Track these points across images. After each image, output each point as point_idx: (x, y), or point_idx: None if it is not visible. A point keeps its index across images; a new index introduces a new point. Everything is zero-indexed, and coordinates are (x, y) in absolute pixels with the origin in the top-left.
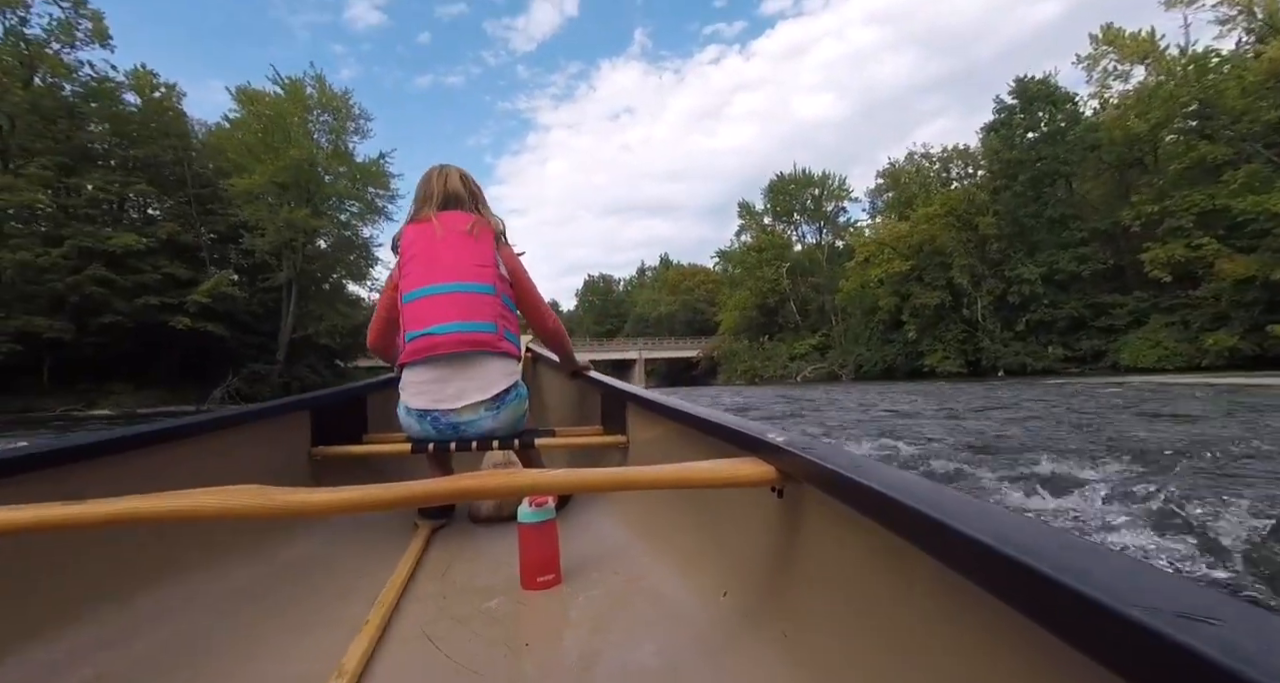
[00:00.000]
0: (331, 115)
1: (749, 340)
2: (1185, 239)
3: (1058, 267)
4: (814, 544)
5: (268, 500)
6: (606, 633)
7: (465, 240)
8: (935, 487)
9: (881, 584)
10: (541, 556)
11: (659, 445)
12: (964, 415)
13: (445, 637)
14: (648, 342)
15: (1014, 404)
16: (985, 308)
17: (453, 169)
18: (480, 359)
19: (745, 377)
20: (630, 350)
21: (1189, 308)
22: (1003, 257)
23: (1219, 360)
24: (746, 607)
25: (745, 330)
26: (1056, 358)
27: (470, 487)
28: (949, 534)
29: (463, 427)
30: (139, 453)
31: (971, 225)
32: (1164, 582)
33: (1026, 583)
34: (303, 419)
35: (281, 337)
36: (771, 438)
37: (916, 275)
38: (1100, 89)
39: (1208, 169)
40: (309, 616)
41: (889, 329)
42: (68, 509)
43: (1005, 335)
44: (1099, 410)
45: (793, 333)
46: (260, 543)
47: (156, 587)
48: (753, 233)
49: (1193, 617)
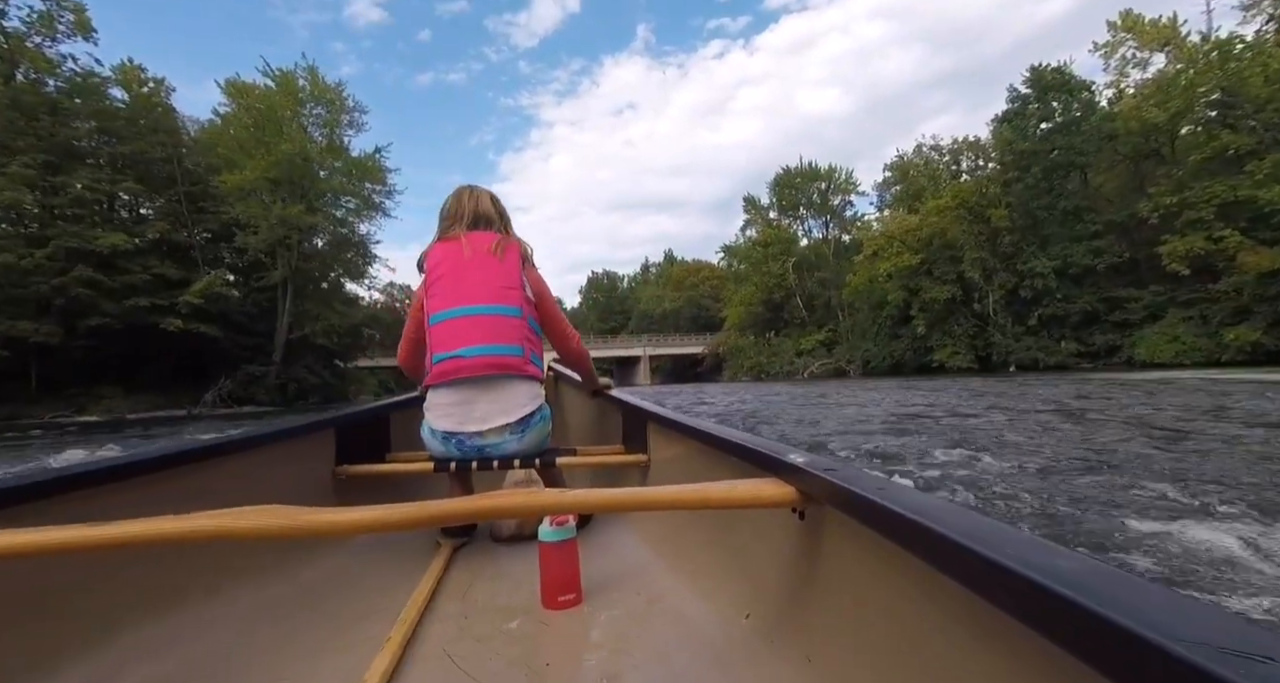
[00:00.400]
0: (325, 108)
1: (755, 336)
2: (1205, 232)
3: (1072, 260)
4: (836, 567)
5: (293, 521)
6: (627, 654)
7: (492, 262)
8: (962, 510)
9: (906, 609)
10: (562, 575)
11: (680, 465)
12: (1039, 411)
13: (466, 656)
14: (652, 339)
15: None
16: (997, 302)
17: (483, 190)
18: (506, 382)
19: (751, 373)
20: (635, 347)
21: (1208, 302)
22: (1015, 250)
23: (1239, 356)
24: (768, 629)
25: (751, 326)
26: (1069, 353)
27: (491, 506)
28: (978, 561)
29: (487, 449)
30: (165, 474)
31: (983, 218)
32: (1211, 616)
33: (1065, 615)
34: (327, 438)
35: (277, 337)
36: (793, 459)
37: (926, 269)
38: (1118, 77)
39: (1228, 160)
40: (332, 634)
41: (897, 324)
42: (96, 531)
43: (1017, 330)
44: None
45: (799, 328)
46: (284, 562)
47: (184, 607)
48: (758, 228)
49: (1241, 654)
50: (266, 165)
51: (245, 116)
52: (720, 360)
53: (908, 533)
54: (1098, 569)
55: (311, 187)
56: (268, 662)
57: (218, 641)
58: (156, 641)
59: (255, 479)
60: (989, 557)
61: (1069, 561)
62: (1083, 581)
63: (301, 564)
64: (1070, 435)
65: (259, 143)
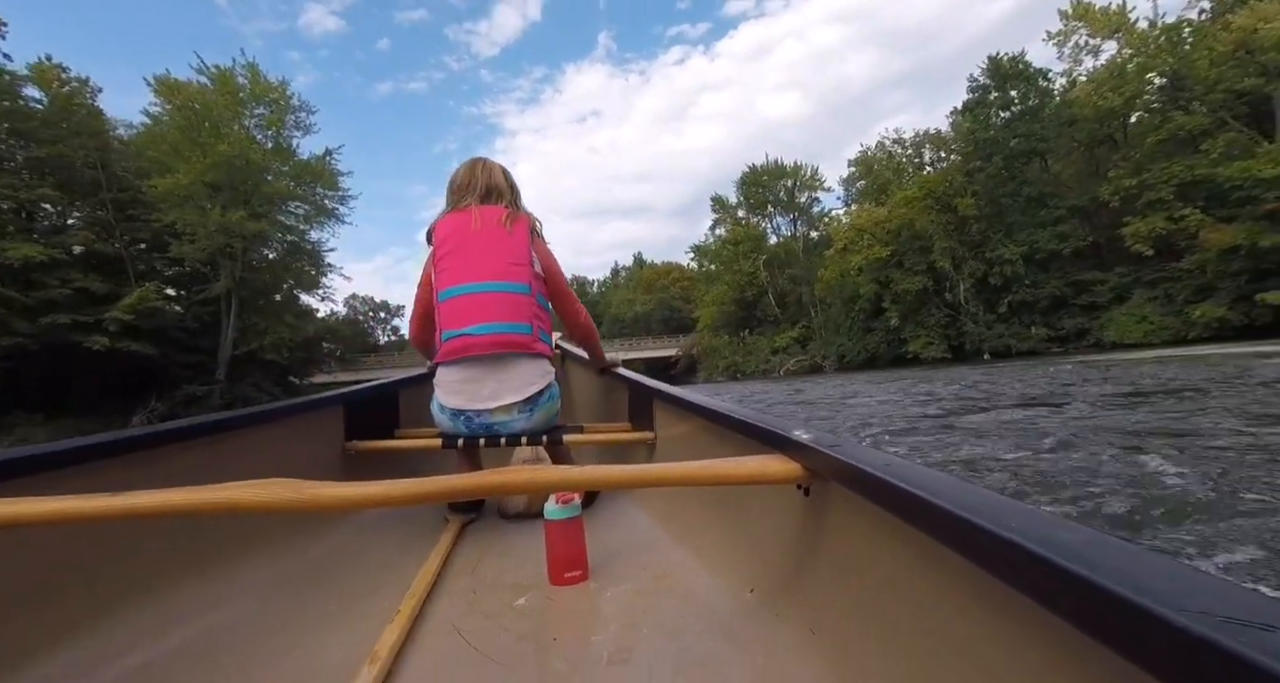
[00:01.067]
0: (267, 108)
1: (728, 335)
2: (1166, 212)
3: (1038, 246)
4: (841, 542)
5: (301, 494)
6: (634, 629)
7: (501, 236)
8: (967, 486)
9: (908, 582)
10: (569, 551)
11: (686, 442)
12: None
13: (474, 630)
14: (624, 343)
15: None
16: (967, 291)
17: (494, 163)
18: (515, 360)
19: (726, 373)
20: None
21: (1171, 281)
22: (983, 238)
23: (1207, 332)
24: (773, 603)
25: (724, 326)
26: (1040, 338)
27: (498, 482)
28: (980, 534)
29: (495, 426)
30: (177, 447)
31: (950, 207)
32: (1214, 586)
33: (1067, 587)
34: (336, 414)
35: (221, 353)
36: (798, 435)
37: (896, 261)
38: (1073, 65)
39: (1182, 140)
40: (342, 608)
41: (870, 317)
42: (109, 501)
43: (988, 318)
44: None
45: (772, 326)
46: (294, 536)
47: (196, 579)
48: (727, 226)
49: (1244, 623)
50: (202, 169)
51: (179, 117)
52: (694, 362)
53: (910, 508)
54: (1098, 540)
55: (255, 191)
56: (278, 635)
57: (229, 613)
58: (170, 612)
59: (265, 454)
60: (990, 530)
61: (1070, 532)
62: (1083, 552)
63: (311, 539)
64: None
65: (194, 145)
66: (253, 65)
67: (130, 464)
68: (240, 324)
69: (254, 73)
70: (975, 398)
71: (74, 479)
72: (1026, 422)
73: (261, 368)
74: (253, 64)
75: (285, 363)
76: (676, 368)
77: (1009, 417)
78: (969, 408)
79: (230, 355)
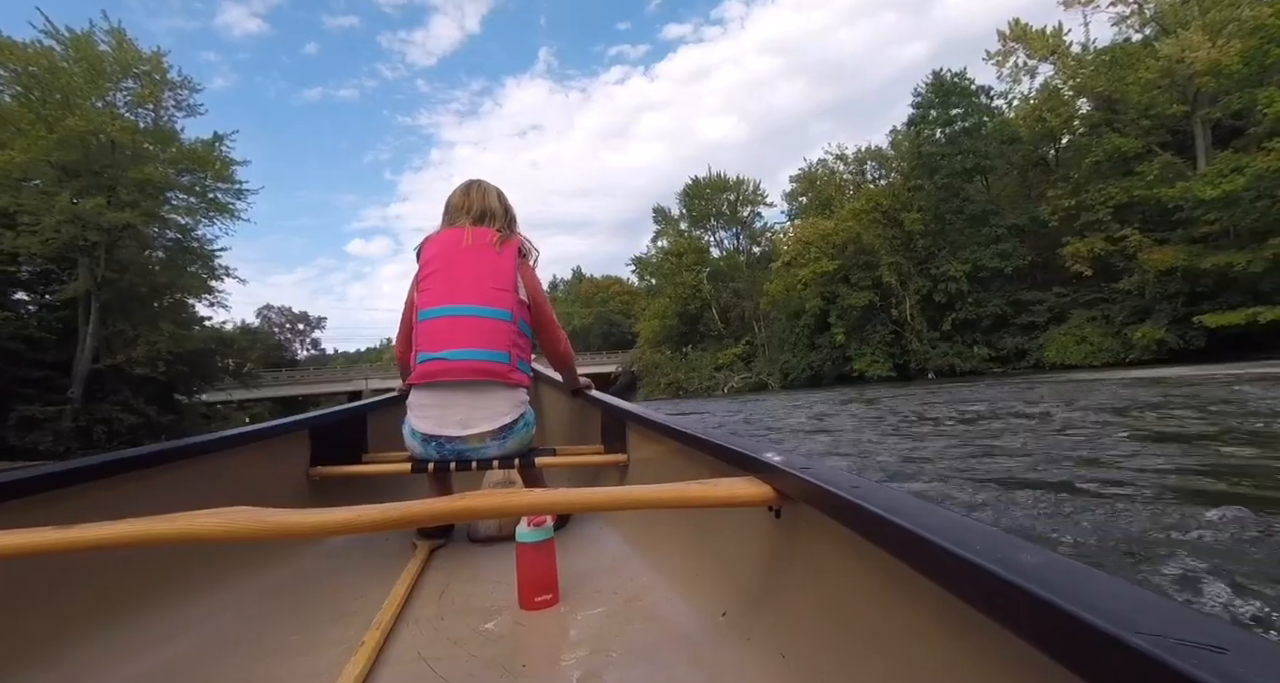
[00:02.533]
0: (137, 82)
1: (670, 351)
2: (1104, 232)
3: (981, 264)
4: (812, 565)
5: (263, 522)
6: (604, 653)
7: (489, 259)
8: (935, 509)
9: (880, 606)
10: (540, 575)
11: (658, 464)
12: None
13: (442, 658)
14: None
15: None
16: (913, 308)
17: (490, 186)
18: (490, 388)
19: (667, 390)
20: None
21: (1109, 302)
22: (928, 255)
23: (1146, 354)
24: (745, 627)
25: (665, 340)
26: (982, 357)
27: (469, 507)
28: (946, 556)
29: (467, 452)
30: (133, 475)
31: (897, 222)
32: (1168, 609)
33: (1028, 608)
34: (301, 439)
35: (76, 367)
36: (769, 457)
37: (843, 276)
38: (1012, 84)
39: (1116, 163)
40: (305, 636)
41: (815, 333)
42: (61, 534)
43: (932, 336)
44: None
45: (716, 342)
46: (257, 563)
47: (152, 609)
48: (670, 239)
49: (1196, 645)
50: (47, 146)
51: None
52: (634, 378)
53: (879, 529)
54: (1059, 563)
55: (120, 177)
56: (238, 664)
57: (187, 643)
58: (124, 644)
59: (228, 480)
60: (956, 552)
61: (1033, 555)
62: (1045, 575)
63: (274, 566)
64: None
65: (38, 119)
66: (118, 31)
67: (85, 493)
68: (104, 333)
69: (119, 39)
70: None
71: (23, 511)
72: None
73: (131, 384)
74: (118, 29)
75: (163, 378)
76: (615, 384)
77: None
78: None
79: (88, 370)
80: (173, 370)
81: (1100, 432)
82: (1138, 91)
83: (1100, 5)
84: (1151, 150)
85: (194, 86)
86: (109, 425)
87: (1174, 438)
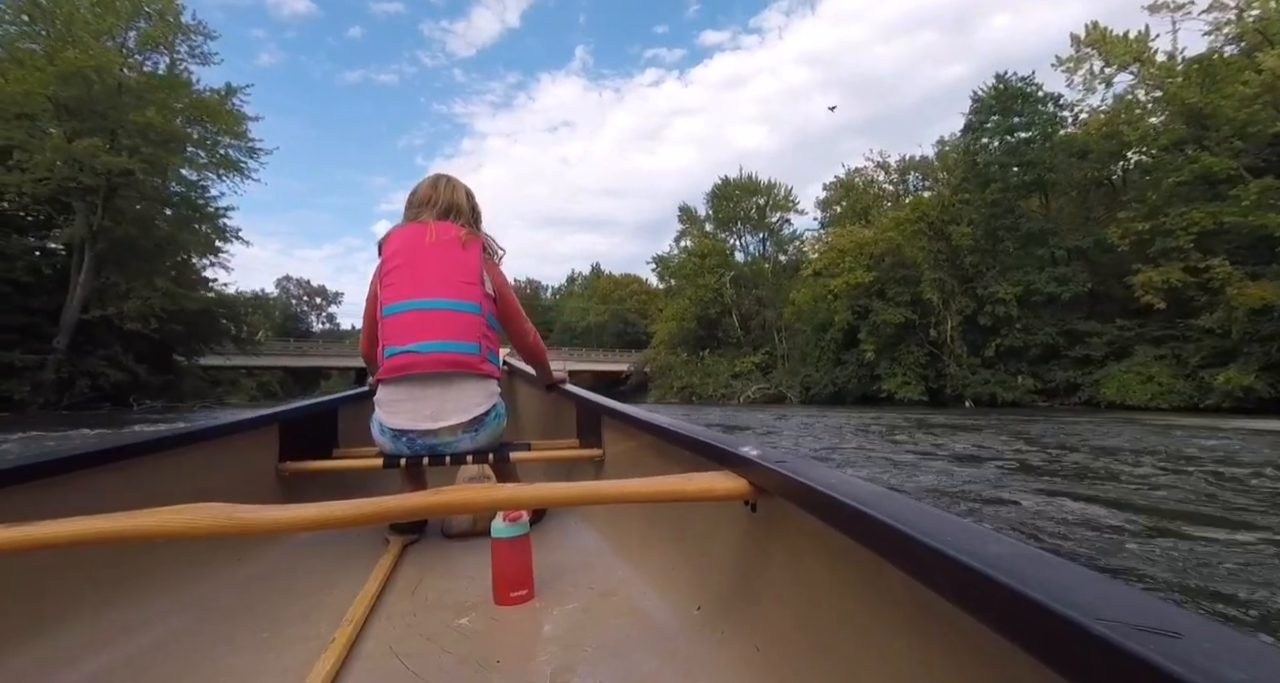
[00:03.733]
0: (148, 21)
1: (686, 354)
2: (1182, 261)
3: (1034, 287)
4: (786, 558)
5: (230, 518)
6: (579, 648)
7: (454, 253)
8: (907, 501)
9: (853, 598)
10: (515, 570)
11: (634, 459)
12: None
13: (414, 654)
14: (573, 352)
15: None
16: (954, 329)
17: (459, 182)
18: (461, 380)
19: (680, 395)
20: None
21: (1181, 340)
22: (975, 273)
23: (1228, 401)
24: (719, 621)
25: (682, 343)
26: (1026, 389)
27: (443, 502)
28: (918, 548)
29: (439, 447)
30: (98, 470)
31: (944, 235)
32: (1127, 597)
33: (994, 597)
34: (270, 434)
35: (65, 316)
36: (745, 451)
37: (878, 289)
38: (1085, 93)
39: (1202, 184)
40: (274, 633)
41: (841, 348)
42: (19, 532)
43: (972, 361)
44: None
45: (734, 349)
46: (225, 559)
47: (116, 605)
48: (694, 239)
49: (1153, 631)
50: (44, 78)
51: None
52: (646, 379)
53: (852, 522)
54: (1026, 554)
55: (124, 121)
56: (205, 662)
57: (152, 640)
58: (86, 640)
59: (195, 476)
60: (927, 544)
61: (999, 545)
62: (1012, 565)
63: (243, 562)
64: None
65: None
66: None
67: (43, 489)
68: (96, 283)
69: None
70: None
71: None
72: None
73: (122, 339)
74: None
75: (156, 336)
76: (627, 384)
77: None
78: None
79: (76, 320)
80: (166, 330)
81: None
82: (1233, 107)
83: (1192, 13)
84: (1242, 174)
85: (209, 33)
86: (94, 379)
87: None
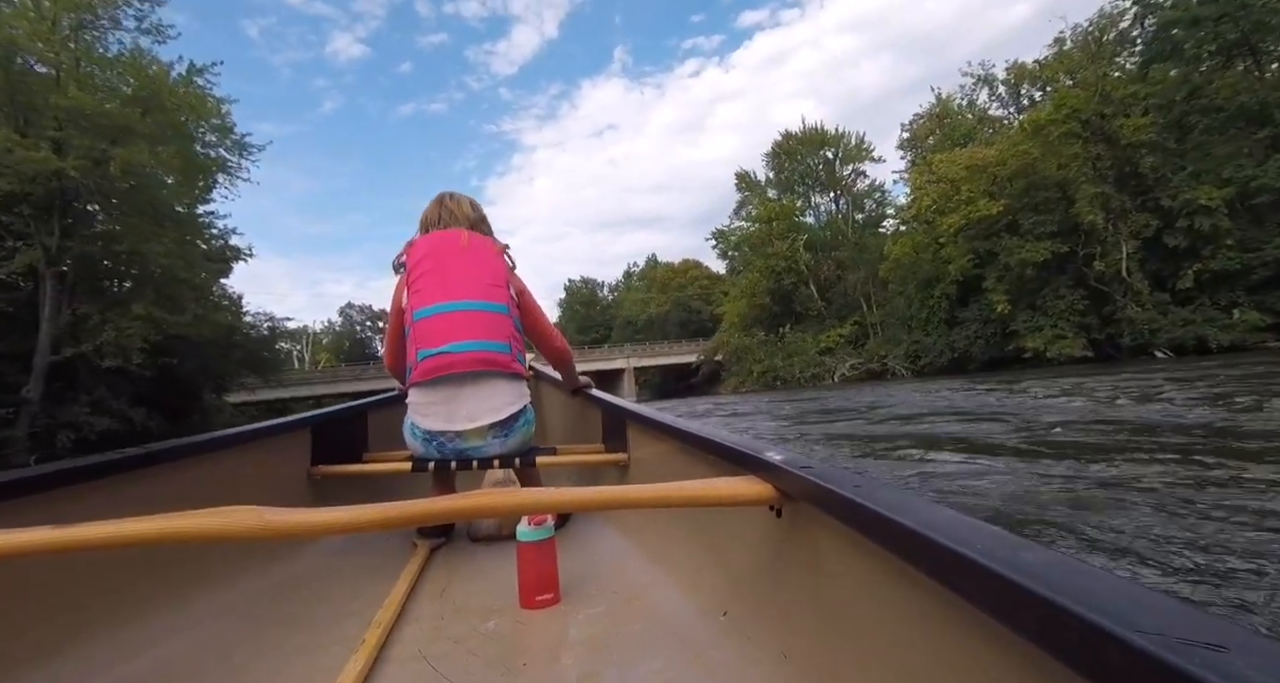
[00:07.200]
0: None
1: (764, 334)
2: None
3: (1256, 183)
4: (813, 564)
5: (263, 522)
6: (605, 652)
7: (478, 257)
8: (936, 508)
9: (881, 606)
10: (540, 574)
11: (659, 463)
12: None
13: (442, 657)
14: (636, 348)
15: None
16: (1130, 257)
17: (462, 195)
18: (493, 379)
19: (763, 380)
20: (617, 359)
21: None
22: (1157, 178)
23: None
24: (746, 626)
25: (755, 322)
26: (1249, 326)
27: (469, 506)
28: (948, 556)
29: (469, 451)
30: (133, 475)
31: (1106, 135)
32: (1170, 607)
33: (1030, 608)
34: (302, 438)
35: (37, 359)
36: (770, 456)
37: (1008, 222)
38: None
39: None
40: (305, 636)
41: (957, 305)
42: (61, 533)
43: (1160, 297)
44: None
45: (816, 323)
46: (257, 563)
47: (153, 609)
48: (755, 206)
49: (1197, 644)
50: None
51: None
52: (719, 368)
53: (881, 528)
54: (1061, 562)
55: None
56: (238, 664)
57: (187, 643)
58: (125, 644)
59: (228, 480)
60: (958, 551)
61: (1034, 554)
62: (1046, 573)
63: (274, 565)
64: None
65: None
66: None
67: (84, 493)
68: (67, 317)
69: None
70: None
71: (23, 511)
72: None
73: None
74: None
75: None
76: (698, 376)
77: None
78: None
79: (48, 363)
80: (166, 364)
81: None
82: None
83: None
84: None
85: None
86: (77, 431)
87: None
